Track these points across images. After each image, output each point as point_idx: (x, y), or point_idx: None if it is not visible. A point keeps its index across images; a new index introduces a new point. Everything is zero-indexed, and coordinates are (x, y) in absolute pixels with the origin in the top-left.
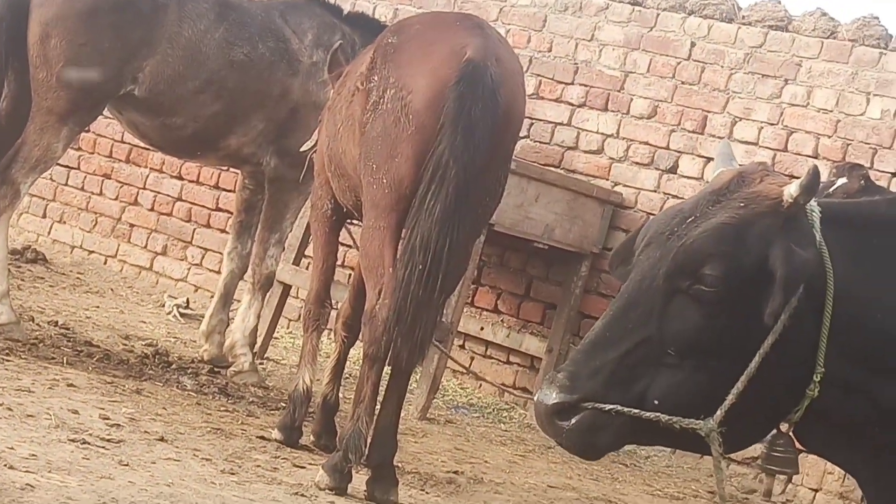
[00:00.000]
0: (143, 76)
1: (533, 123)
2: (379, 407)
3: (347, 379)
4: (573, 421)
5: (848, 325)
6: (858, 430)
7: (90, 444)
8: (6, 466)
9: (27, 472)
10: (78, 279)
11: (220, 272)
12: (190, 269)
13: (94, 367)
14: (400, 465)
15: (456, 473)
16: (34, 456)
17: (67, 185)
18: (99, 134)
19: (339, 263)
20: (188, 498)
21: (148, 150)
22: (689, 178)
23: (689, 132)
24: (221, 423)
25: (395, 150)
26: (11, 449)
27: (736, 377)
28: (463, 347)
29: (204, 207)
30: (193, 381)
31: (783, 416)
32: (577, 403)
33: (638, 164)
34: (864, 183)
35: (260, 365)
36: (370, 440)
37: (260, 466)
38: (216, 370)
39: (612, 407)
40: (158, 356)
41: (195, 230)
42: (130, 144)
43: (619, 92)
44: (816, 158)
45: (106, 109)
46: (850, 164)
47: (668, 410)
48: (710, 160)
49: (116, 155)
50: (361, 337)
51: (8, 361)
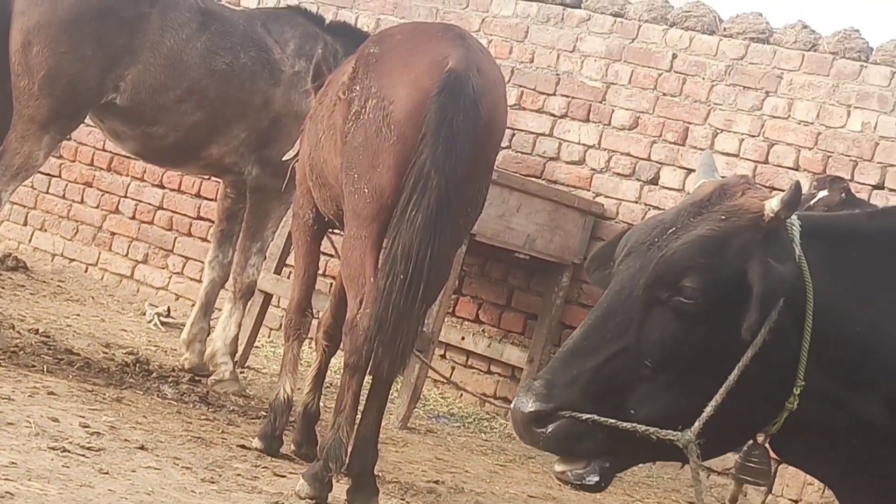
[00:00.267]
0: (124, 85)
1: (515, 134)
2: (360, 416)
3: (328, 388)
4: (549, 429)
5: (828, 338)
6: (837, 443)
7: (70, 452)
8: None
9: (7, 479)
10: (59, 287)
11: (201, 281)
12: (171, 277)
13: (74, 375)
14: (380, 474)
15: (436, 483)
16: (14, 464)
17: (49, 193)
18: (80, 142)
19: (320, 273)
20: None
21: (129, 158)
22: (670, 189)
23: (670, 143)
24: (202, 431)
25: (376, 159)
26: None
27: (714, 389)
28: (444, 357)
29: (185, 216)
30: (174, 389)
31: (761, 427)
32: (553, 412)
33: (619, 175)
34: (844, 196)
35: (241, 374)
36: (351, 449)
37: (240, 475)
38: (197, 379)
39: (588, 416)
40: (139, 364)
41: (176, 239)
42: (112, 153)
43: (600, 103)
44: (797, 171)
45: (87, 118)
46: (830, 176)
47: (645, 421)
48: (691, 171)
49: (98, 163)
50: (342, 346)
51: None
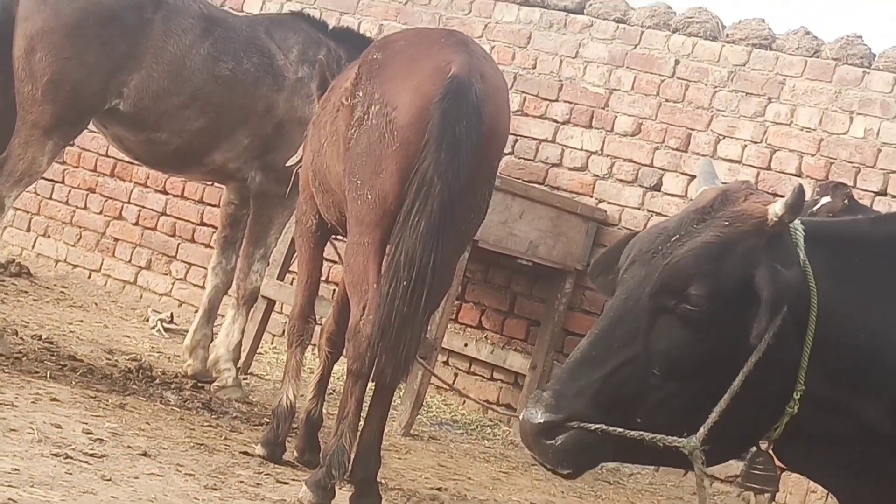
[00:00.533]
0: (128, 91)
1: (517, 140)
2: (363, 423)
3: (331, 395)
4: (559, 440)
5: (830, 343)
6: (839, 448)
7: (73, 458)
8: None
9: (10, 486)
10: (62, 293)
11: (204, 287)
12: (174, 283)
13: (77, 381)
14: (383, 481)
15: (439, 490)
16: (17, 470)
17: (52, 198)
18: (83, 148)
19: (323, 279)
20: None
21: (132, 164)
22: (672, 195)
23: (673, 150)
24: (205, 438)
25: (379, 165)
26: None
27: (719, 395)
28: (447, 364)
29: (188, 222)
30: (177, 395)
31: (763, 432)
32: (563, 423)
33: (622, 181)
34: (847, 201)
35: (244, 380)
36: (353, 456)
37: (243, 482)
38: (200, 385)
39: (597, 426)
40: (142, 371)
41: (179, 245)
42: (115, 158)
43: (603, 109)
44: (800, 177)
45: (91, 123)
46: (833, 182)
47: (651, 428)
48: (693, 178)
49: (101, 169)
50: (345, 352)
51: None
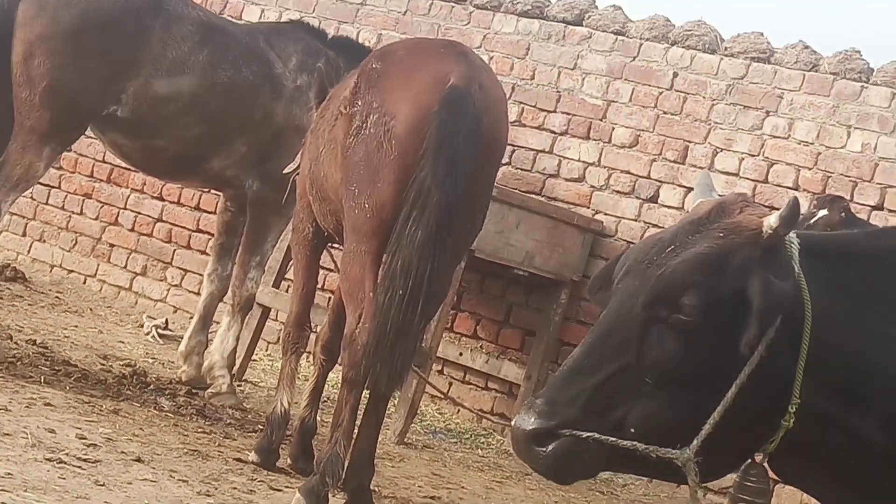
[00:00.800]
0: (126, 97)
1: (515, 150)
2: (357, 431)
3: (326, 402)
4: (550, 447)
5: (825, 356)
6: (834, 461)
7: (66, 463)
8: None
9: (2, 490)
10: (57, 298)
11: (199, 293)
12: (169, 289)
13: (71, 386)
14: (377, 489)
15: (433, 499)
16: (10, 475)
17: (48, 203)
18: (80, 153)
19: (319, 287)
20: None
21: (129, 170)
22: (669, 207)
23: (670, 162)
24: (198, 444)
25: (377, 175)
26: None
27: (713, 407)
28: (441, 373)
29: (184, 228)
30: (171, 402)
31: (759, 445)
32: (554, 430)
33: (619, 192)
34: (844, 215)
35: (238, 387)
36: (347, 464)
37: (236, 489)
38: (194, 391)
39: (589, 434)
40: (136, 376)
41: (175, 251)
42: (111, 164)
43: (601, 121)
44: (797, 190)
45: (88, 129)
46: (831, 196)
47: (644, 439)
48: (690, 190)
49: (97, 175)
50: (340, 361)
51: None
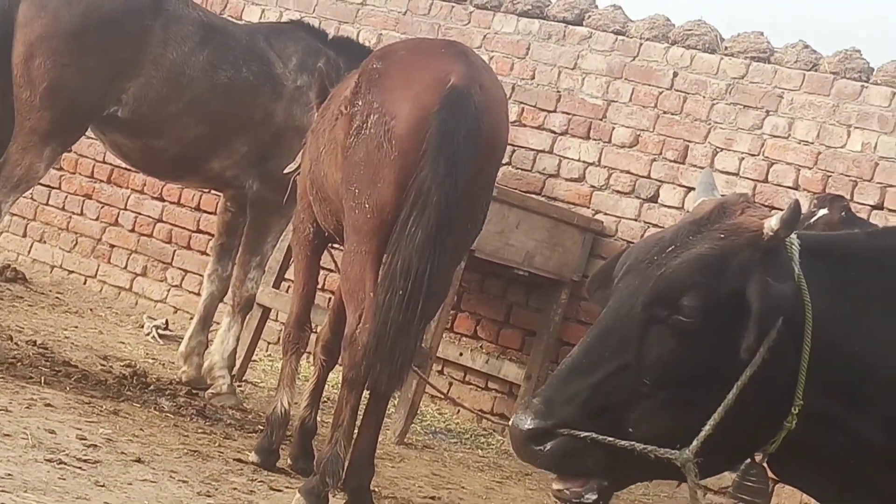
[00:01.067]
0: (126, 97)
1: (515, 150)
2: (357, 431)
3: (326, 403)
4: (548, 447)
5: (826, 358)
6: (835, 462)
7: (67, 464)
8: None
9: (3, 491)
10: (57, 299)
11: (199, 294)
12: (169, 290)
13: (71, 387)
14: (377, 489)
15: (433, 499)
16: (10, 475)
17: (48, 204)
18: (80, 154)
19: (319, 287)
20: None
21: (129, 170)
22: (669, 207)
23: (670, 162)
24: (199, 445)
25: (377, 175)
26: None
27: (713, 407)
28: (441, 373)
29: (185, 229)
30: (171, 402)
31: (759, 446)
32: (552, 429)
33: (619, 192)
34: (844, 214)
35: (238, 387)
36: (347, 464)
37: (236, 489)
38: (194, 392)
39: (587, 434)
40: (136, 377)
41: (175, 252)
42: (112, 165)
43: (601, 120)
44: (797, 190)
45: (88, 130)
46: (831, 195)
47: (644, 439)
48: (690, 190)
49: (98, 175)
50: (341, 361)
51: None
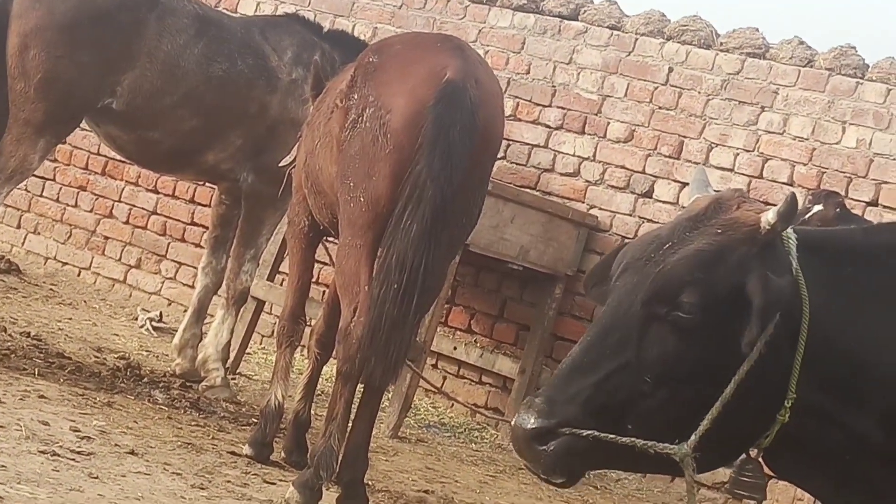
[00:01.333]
0: (121, 90)
1: (510, 145)
2: (351, 425)
3: (320, 396)
4: (551, 446)
5: (822, 352)
6: (829, 457)
7: (60, 456)
8: None
9: None
10: (51, 290)
11: (193, 286)
12: (164, 282)
13: (65, 378)
14: (370, 483)
15: (426, 493)
16: (3, 467)
17: (42, 196)
18: (75, 146)
19: (313, 280)
20: None
21: (124, 162)
22: (664, 202)
23: (665, 157)
24: (192, 437)
25: (372, 168)
26: None
27: (710, 402)
28: (435, 367)
29: (179, 221)
30: (165, 394)
31: (754, 440)
32: (554, 428)
33: (614, 187)
34: (839, 211)
35: (232, 380)
36: (341, 458)
37: (230, 482)
38: (188, 384)
39: (589, 433)
40: (130, 369)
41: (170, 244)
42: (106, 157)
43: (596, 115)
44: (792, 186)
45: (83, 122)
46: (826, 191)
47: (643, 435)
48: (685, 185)
49: (92, 167)
50: (335, 354)
51: None
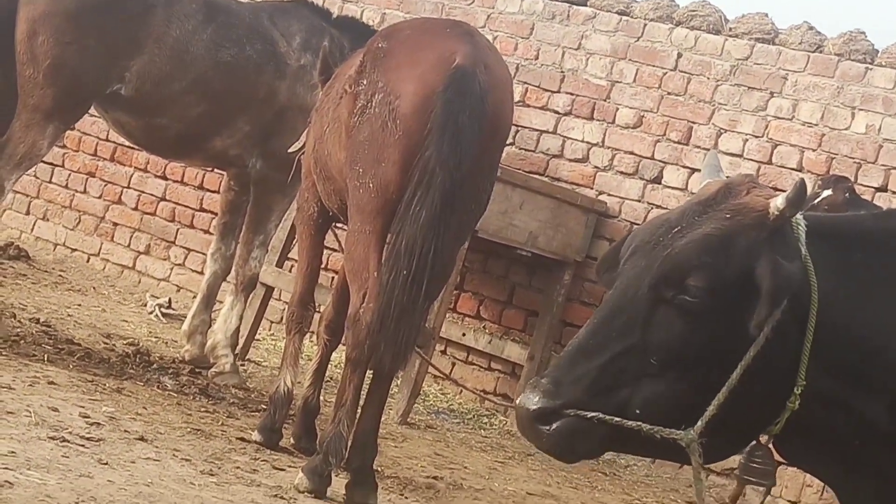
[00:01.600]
0: (129, 75)
1: (518, 131)
2: (360, 411)
3: (329, 382)
4: (554, 426)
5: (830, 338)
6: (839, 443)
7: (70, 442)
8: None
9: (6, 469)
10: (60, 277)
11: (202, 273)
12: (173, 269)
13: (74, 365)
14: (380, 469)
15: (435, 479)
16: (13, 453)
17: (51, 182)
18: (84, 132)
19: (322, 266)
20: (167, 498)
21: (133, 149)
22: (673, 188)
23: (674, 143)
24: (201, 423)
25: (381, 154)
26: None
27: (718, 388)
28: (444, 353)
29: (188, 208)
30: (174, 381)
31: (763, 427)
32: (559, 409)
33: (622, 173)
34: (848, 195)
35: (241, 366)
36: (350, 444)
37: (239, 468)
38: (197, 371)
39: (594, 415)
40: (140, 355)
41: (178, 230)
42: (115, 143)
43: (605, 101)
44: (801, 172)
45: (92, 108)
46: (835, 176)
47: (649, 419)
48: (694, 171)
49: (101, 153)
50: (344, 340)
51: None
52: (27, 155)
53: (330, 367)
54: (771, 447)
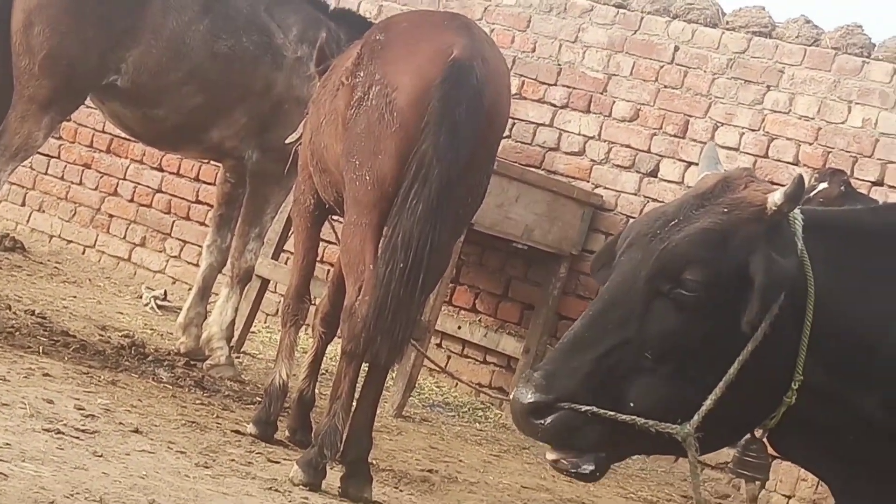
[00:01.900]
0: (126, 66)
1: (515, 123)
2: (355, 404)
3: (324, 375)
4: (548, 420)
5: (828, 333)
6: (834, 437)
7: (65, 434)
8: None
9: (1, 460)
10: (56, 268)
11: (198, 265)
12: (168, 261)
13: (70, 357)
14: (375, 462)
15: (430, 472)
16: (8, 445)
17: (47, 173)
18: (80, 123)
19: (318, 259)
20: (162, 490)
21: (129, 140)
22: (669, 181)
23: (670, 136)
24: (196, 416)
25: (378, 146)
26: None
27: (714, 382)
28: (440, 346)
29: (184, 199)
30: (169, 373)
31: (759, 421)
32: (552, 403)
33: (619, 166)
34: (843, 189)
35: (236, 359)
36: (345, 437)
37: (234, 460)
38: (192, 363)
39: (588, 408)
40: (135, 347)
41: (174, 222)
42: (111, 134)
43: (601, 94)
44: (797, 165)
45: (88, 99)
46: (831, 169)
47: (644, 413)
48: (690, 164)
49: (97, 145)
50: (340, 333)
51: None
52: (23, 146)
53: (325, 359)
54: (765, 441)
